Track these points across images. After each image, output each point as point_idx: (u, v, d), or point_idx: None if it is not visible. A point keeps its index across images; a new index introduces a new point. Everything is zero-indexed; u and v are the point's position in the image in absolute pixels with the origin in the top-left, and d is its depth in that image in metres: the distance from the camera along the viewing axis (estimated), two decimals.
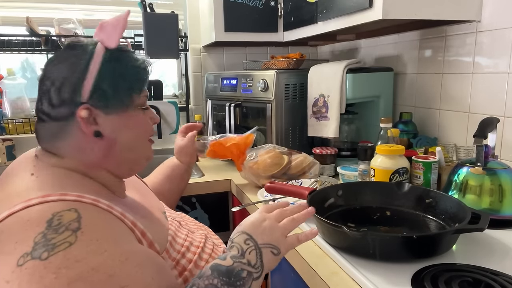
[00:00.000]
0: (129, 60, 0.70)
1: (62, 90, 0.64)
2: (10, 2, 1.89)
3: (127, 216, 0.63)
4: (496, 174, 0.90)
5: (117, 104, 0.67)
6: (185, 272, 0.69)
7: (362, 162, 1.20)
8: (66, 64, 0.66)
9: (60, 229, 0.53)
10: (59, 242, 0.52)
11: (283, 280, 1.00)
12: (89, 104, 0.65)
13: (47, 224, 0.53)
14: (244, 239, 0.66)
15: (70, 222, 0.54)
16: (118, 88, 0.67)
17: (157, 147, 2.09)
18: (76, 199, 0.58)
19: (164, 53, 1.83)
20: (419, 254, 0.73)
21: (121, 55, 0.69)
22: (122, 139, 0.69)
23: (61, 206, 0.56)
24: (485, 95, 1.19)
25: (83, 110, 0.64)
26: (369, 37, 1.73)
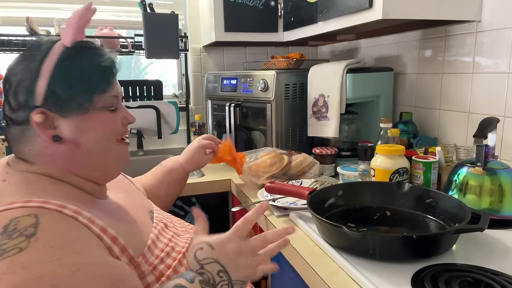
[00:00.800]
0: (88, 58, 0.66)
1: (18, 93, 0.62)
2: (10, 2, 1.89)
3: (96, 222, 0.60)
4: (496, 174, 0.90)
5: (75, 107, 0.63)
6: (163, 278, 0.67)
7: (362, 162, 1.20)
8: (21, 65, 0.63)
9: (14, 235, 0.52)
10: (9, 248, 0.50)
11: (283, 280, 1.00)
12: (44, 108, 0.62)
13: (2, 230, 0.52)
14: (217, 270, 0.63)
15: (26, 228, 0.53)
16: (75, 90, 0.63)
17: (157, 147, 2.09)
18: (39, 205, 0.56)
19: (164, 53, 1.83)
20: (419, 254, 0.73)
21: (79, 53, 0.65)
22: (85, 142, 0.66)
23: (22, 212, 0.55)
24: (485, 95, 1.19)
25: (37, 114, 0.61)
26: (369, 37, 1.73)
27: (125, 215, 0.73)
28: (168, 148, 2.11)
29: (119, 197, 0.78)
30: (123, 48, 1.91)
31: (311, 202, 0.88)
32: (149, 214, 0.81)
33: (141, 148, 1.99)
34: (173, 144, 2.13)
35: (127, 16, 2.12)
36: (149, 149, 2.06)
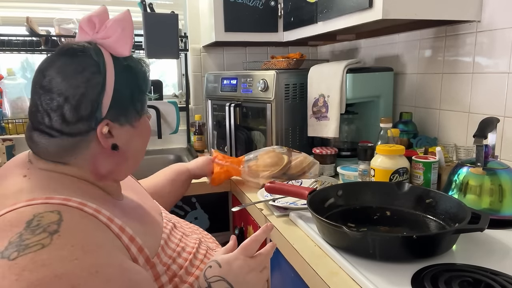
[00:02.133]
0: (137, 67, 0.69)
1: (80, 107, 0.61)
2: (10, 2, 1.89)
3: (115, 221, 0.61)
4: (496, 174, 0.90)
5: (133, 114, 0.68)
6: (175, 278, 0.68)
7: (362, 162, 1.20)
8: (80, 78, 0.62)
9: (37, 230, 0.52)
10: (32, 243, 0.50)
11: (283, 280, 1.00)
12: (108, 119, 0.64)
13: (26, 225, 0.52)
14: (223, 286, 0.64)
15: (49, 224, 0.53)
16: (134, 99, 0.67)
17: (157, 147, 2.09)
18: (61, 202, 0.57)
19: (164, 53, 1.83)
20: (419, 254, 0.73)
21: (129, 62, 0.68)
22: (133, 147, 0.69)
23: (44, 208, 0.55)
24: (485, 95, 1.19)
25: (104, 126, 0.63)
26: (369, 37, 1.73)
27: (140, 215, 0.74)
28: (168, 148, 2.11)
29: (132, 197, 0.79)
30: None
31: (311, 202, 0.88)
32: (160, 215, 0.82)
33: None
34: (173, 144, 2.13)
35: None
36: (149, 149, 2.06)
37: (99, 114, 0.62)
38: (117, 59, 0.66)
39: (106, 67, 0.63)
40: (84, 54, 0.64)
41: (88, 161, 0.65)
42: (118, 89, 0.64)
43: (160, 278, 0.65)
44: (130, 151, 0.69)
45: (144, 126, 0.72)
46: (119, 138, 0.66)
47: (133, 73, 0.68)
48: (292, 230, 0.93)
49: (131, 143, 0.68)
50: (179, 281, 0.68)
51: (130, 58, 0.69)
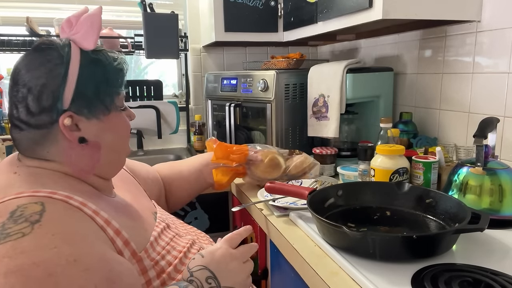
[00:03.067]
0: (107, 61, 0.68)
1: (41, 98, 0.62)
2: (10, 2, 1.89)
3: (101, 214, 0.62)
4: (496, 174, 0.90)
5: (100, 108, 0.67)
6: (163, 274, 0.68)
7: (362, 162, 1.20)
8: (43, 69, 0.63)
9: (19, 220, 0.53)
10: (13, 232, 0.52)
11: (283, 280, 1.00)
12: (71, 111, 0.64)
13: (9, 215, 0.54)
14: (206, 276, 0.65)
15: (32, 214, 0.54)
16: (100, 92, 0.66)
17: (157, 147, 2.09)
18: (46, 195, 0.58)
19: (164, 53, 1.83)
20: (419, 254, 0.73)
21: (98, 56, 0.67)
22: (106, 142, 0.69)
23: (29, 200, 0.57)
24: (485, 95, 1.19)
25: (66, 118, 0.63)
26: (369, 37, 1.73)
27: (130, 212, 0.74)
28: (168, 148, 2.11)
29: (125, 196, 0.79)
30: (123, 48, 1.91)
31: (311, 202, 0.88)
32: (153, 215, 0.82)
33: (141, 148, 1.99)
34: (173, 144, 2.13)
35: (127, 16, 2.12)
36: (149, 149, 2.07)
37: (60, 106, 0.63)
38: (86, 53, 0.66)
39: (71, 59, 0.64)
40: (50, 47, 0.65)
41: (62, 154, 0.66)
42: (82, 82, 0.64)
43: (148, 273, 0.66)
44: (103, 146, 0.68)
45: (117, 122, 0.71)
46: (86, 131, 0.66)
47: (101, 67, 0.67)
48: (292, 230, 0.93)
49: (101, 137, 0.68)
50: (167, 277, 0.68)
51: (101, 52, 0.69)
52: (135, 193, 0.87)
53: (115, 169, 0.75)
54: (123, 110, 0.73)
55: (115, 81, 0.69)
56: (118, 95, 0.70)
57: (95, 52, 0.68)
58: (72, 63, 0.64)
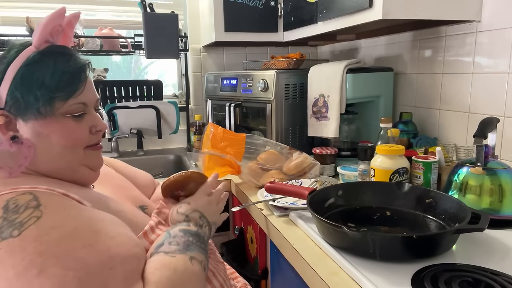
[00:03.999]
0: (53, 63, 0.63)
1: None
2: (10, 2, 1.89)
3: (84, 203, 0.63)
4: (496, 174, 0.90)
5: (33, 111, 0.62)
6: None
7: (362, 162, 1.20)
8: None
9: (20, 209, 0.53)
10: (25, 220, 0.52)
11: (283, 280, 1.00)
12: (5, 110, 0.62)
13: (3, 210, 0.54)
14: (198, 216, 0.76)
15: (28, 202, 0.55)
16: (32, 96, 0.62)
17: (157, 147, 2.09)
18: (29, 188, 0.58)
19: (164, 53, 1.83)
20: (419, 254, 0.73)
21: (45, 57, 0.64)
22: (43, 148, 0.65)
23: (15, 194, 0.57)
24: (485, 95, 1.19)
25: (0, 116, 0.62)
26: (369, 37, 1.73)
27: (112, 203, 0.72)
28: (168, 148, 2.11)
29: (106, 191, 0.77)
30: (123, 48, 1.91)
31: (311, 202, 0.88)
32: (139, 208, 0.81)
33: (141, 148, 1.99)
34: (173, 144, 2.13)
35: (127, 16, 2.12)
36: (149, 149, 2.07)
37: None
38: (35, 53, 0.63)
39: (16, 59, 0.62)
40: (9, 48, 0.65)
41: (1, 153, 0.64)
42: (15, 82, 0.62)
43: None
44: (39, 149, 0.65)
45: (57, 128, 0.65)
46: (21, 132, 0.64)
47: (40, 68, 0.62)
48: (292, 230, 0.93)
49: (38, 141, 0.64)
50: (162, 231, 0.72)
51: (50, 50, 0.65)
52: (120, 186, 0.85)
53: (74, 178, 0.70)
54: (77, 118, 0.67)
55: (52, 85, 0.63)
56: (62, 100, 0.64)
57: (46, 53, 0.64)
58: (15, 62, 0.62)
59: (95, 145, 0.72)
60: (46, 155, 0.66)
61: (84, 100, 0.67)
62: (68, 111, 0.65)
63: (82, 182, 0.72)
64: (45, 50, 0.64)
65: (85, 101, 0.68)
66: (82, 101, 0.67)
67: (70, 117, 0.66)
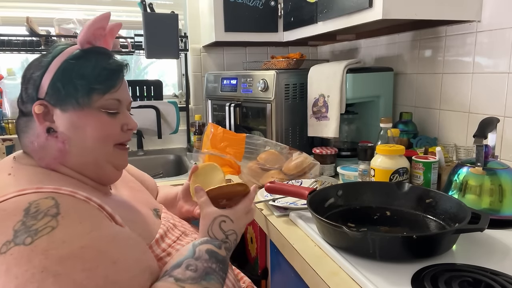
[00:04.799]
0: (96, 59, 0.68)
1: (28, 87, 0.66)
2: (10, 2, 1.89)
3: (106, 208, 0.63)
4: (496, 174, 0.90)
5: (70, 102, 0.66)
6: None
7: (362, 162, 1.20)
8: (35, 62, 0.68)
9: (39, 216, 0.54)
10: (41, 227, 0.52)
11: (283, 280, 1.00)
12: (45, 100, 0.65)
13: (24, 213, 0.54)
14: (234, 238, 0.75)
15: (48, 209, 0.55)
16: (72, 86, 0.65)
17: (157, 147, 2.09)
18: (52, 190, 0.59)
19: (164, 53, 1.83)
20: (419, 254, 0.73)
21: (88, 54, 0.68)
22: (76, 139, 0.67)
23: (38, 196, 0.57)
24: (485, 95, 1.19)
25: (37, 105, 0.65)
26: (369, 37, 1.73)
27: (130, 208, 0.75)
28: (168, 148, 2.11)
29: (122, 194, 0.80)
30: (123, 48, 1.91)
31: (311, 202, 0.88)
32: (153, 211, 0.82)
33: (141, 148, 1.99)
34: (173, 144, 2.13)
35: (127, 16, 2.12)
36: (149, 149, 2.07)
37: (35, 94, 0.66)
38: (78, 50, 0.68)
39: (61, 54, 0.66)
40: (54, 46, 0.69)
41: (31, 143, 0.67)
42: (58, 74, 0.65)
43: None
44: (73, 141, 0.67)
45: (92, 121, 0.67)
46: (58, 123, 0.66)
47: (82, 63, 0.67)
48: (292, 230, 0.93)
49: (73, 132, 0.66)
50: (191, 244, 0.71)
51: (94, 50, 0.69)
52: (135, 188, 0.87)
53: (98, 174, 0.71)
54: (112, 114, 0.70)
55: (92, 78, 0.66)
56: (99, 94, 0.67)
57: (89, 51, 0.68)
58: (59, 57, 0.66)
59: (124, 145, 0.76)
60: (78, 147, 0.68)
61: (120, 97, 0.71)
62: (103, 106, 0.69)
63: (105, 180, 0.74)
64: (88, 49, 0.69)
65: (120, 98, 0.71)
66: (117, 97, 0.70)
67: (105, 112, 0.69)
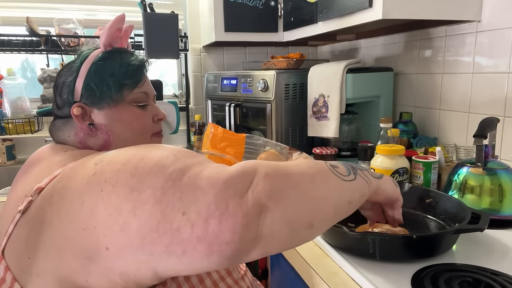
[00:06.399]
0: (121, 58, 0.73)
1: (62, 93, 0.71)
2: (10, 2, 1.89)
3: None
4: (496, 174, 0.90)
5: (106, 100, 0.70)
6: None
7: (362, 162, 1.20)
8: (65, 69, 0.73)
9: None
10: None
11: (283, 280, 1.00)
12: (82, 102, 0.70)
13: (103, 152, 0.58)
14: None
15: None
16: (105, 85, 0.70)
17: None
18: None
19: (164, 53, 1.83)
20: (419, 254, 0.73)
21: (112, 55, 0.73)
22: (117, 131, 0.72)
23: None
24: (485, 95, 1.19)
25: (75, 107, 0.69)
26: (369, 37, 1.73)
27: None
28: None
29: None
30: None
31: None
32: None
33: None
34: (173, 144, 2.13)
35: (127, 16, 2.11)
36: None
37: (71, 98, 0.70)
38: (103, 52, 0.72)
39: (88, 58, 0.71)
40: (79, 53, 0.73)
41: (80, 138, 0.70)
42: (89, 75, 0.70)
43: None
44: (115, 134, 0.72)
45: (127, 114, 0.73)
46: (97, 120, 0.71)
47: (109, 62, 0.71)
48: None
49: (112, 126, 0.71)
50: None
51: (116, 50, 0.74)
52: None
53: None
54: (143, 107, 0.75)
55: (121, 74, 0.72)
56: (129, 89, 0.73)
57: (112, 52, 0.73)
58: (87, 61, 0.71)
59: (159, 133, 0.80)
60: (120, 139, 0.72)
61: (146, 90, 0.76)
62: (134, 99, 0.73)
63: None
64: (111, 50, 0.74)
65: (147, 91, 0.76)
66: (145, 90, 0.75)
67: (136, 106, 0.74)
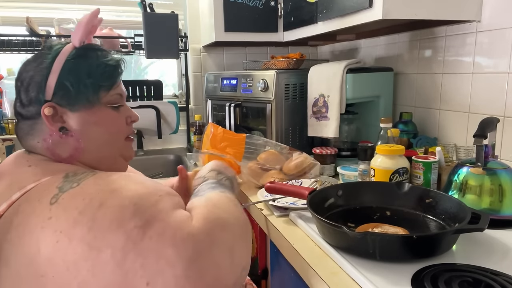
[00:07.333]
0: (96, 57, 0.69)
1: (29, 89, 0.66)
2: (10, 2, 1.89)
3: None
4: (496, 174, 0.90)
5: (81, 101, 0.67)
6: None
7: (362, 162, 1.20)
8: (34, 63, 0.67)
9: (78, 176, 0.58)
10: (82, 177, 0.57)
11: (283, 280, 1.00)
12: (53, 102, 0.65)
13: (64, 178, 0.58)
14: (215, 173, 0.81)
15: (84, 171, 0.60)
16: (82, 85, 0.67)
17: (157, 147, 2.09)
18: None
19: (164, 53, 1.83)
20: (419, 254, 0.73)
21: (87, 52, 0.69)
22: (90, 135, 0.69)
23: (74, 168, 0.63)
24: (485, 95, 1.19)
25: (47, 108, 0.64)
26: (369, 37, 1.73)
27: None
28: (168, 148, 2.11)
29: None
30: (123, 48, 1.91)
31: (311, 202, 0.88)
32: None
33: (141, 148, 1.99)
34: (173, 144, 2.13)
35: (127, 16, 2.12)
36: (149, 149, 2.07)
37: (42, 96, 0.65)
38: (77, 49, 0.69)
39: (60, 54, 0.67)
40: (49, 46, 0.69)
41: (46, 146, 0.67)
42: (63, 74, 0.66)
43: None
44: (87, 138, 0.68)
45: (103, 117, 0.70)
46: (69, 122, 0.67)
47: (85, 61, 0.68)
48: (292, 230, 0.93)
49: (86, 129, 0.68)
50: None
51: (92, 48, 0.70)
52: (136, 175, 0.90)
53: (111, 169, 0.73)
54: (117, 109, 0.72)
55: (98, 75, 0.68)
56: (105, 90, 0.69)
57: (85, 49, 0.69)
58: (59, 57, 0.66)
59: (130, 137, 0.79)
60: (94, 143, 0.69)
61: (121, 92, 0.74)
62: (109, 101, 0.71)
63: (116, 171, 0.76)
64: (85, 46, 0.70)
65: (121, 92, 0.74)
66: (119, 92, 0.73)
67: (111, 108, 0.71)
